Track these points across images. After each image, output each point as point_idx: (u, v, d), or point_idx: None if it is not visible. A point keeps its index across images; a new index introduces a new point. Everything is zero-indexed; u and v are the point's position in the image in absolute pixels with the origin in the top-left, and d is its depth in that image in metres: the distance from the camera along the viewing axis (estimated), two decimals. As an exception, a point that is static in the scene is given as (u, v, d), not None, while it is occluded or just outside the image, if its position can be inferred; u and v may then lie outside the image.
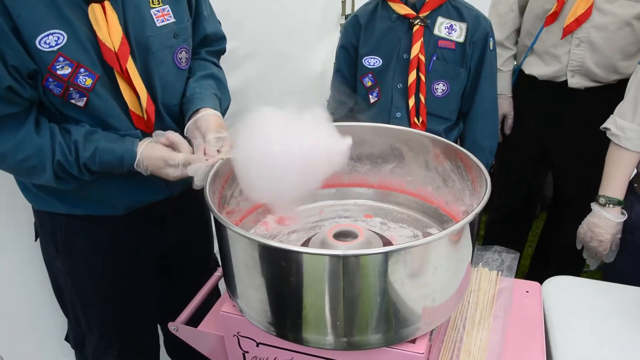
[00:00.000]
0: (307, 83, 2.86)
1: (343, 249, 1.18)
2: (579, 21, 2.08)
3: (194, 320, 1.38)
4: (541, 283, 1.57)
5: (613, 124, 1.74)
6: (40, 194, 1.46)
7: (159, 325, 1.86)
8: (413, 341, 1.11)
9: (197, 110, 1.43)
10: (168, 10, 1.41)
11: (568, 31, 2.11)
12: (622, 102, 1.75)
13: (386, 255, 0.97)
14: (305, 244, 1.30)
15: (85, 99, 1.29)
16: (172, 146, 1.35)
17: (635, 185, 1.75)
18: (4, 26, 1.16)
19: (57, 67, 1.23)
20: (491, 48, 1.89)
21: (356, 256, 0.96)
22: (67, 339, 1.80)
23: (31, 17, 1.19)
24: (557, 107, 2.24)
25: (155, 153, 1.32)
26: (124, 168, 1.33)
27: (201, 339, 1.36)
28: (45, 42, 1.21)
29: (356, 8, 3.65)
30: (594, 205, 1.77)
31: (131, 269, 1.60)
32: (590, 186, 2.22)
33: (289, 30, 2.98)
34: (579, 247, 1.87)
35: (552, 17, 2.15)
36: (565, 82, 2.20)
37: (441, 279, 1.07)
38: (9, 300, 1.74)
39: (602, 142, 1.78)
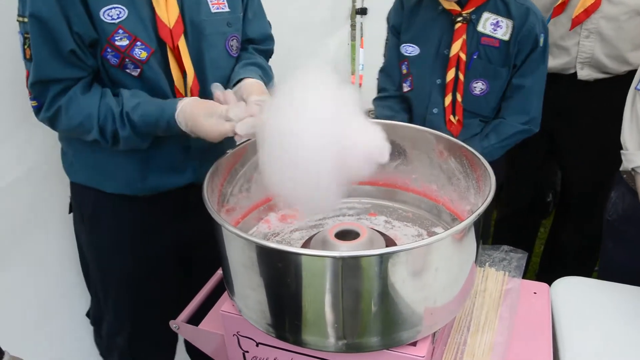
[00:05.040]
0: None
1: (344, 249, 1.15)
2: (588, 12, 2.03)
3: (199, 318, 1.37)
4: (551, 283, 1.54)
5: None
6: (76, 165, 1.55)
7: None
8: (414, 344, 1.08)
9: (240, 80, 1.48)
10: (223, 0, 1.50)
11: (577, 22, 2.07)
12: (628, 132, 1.64)
13: (386, 257, 0.95)
14: (307, 242, 1.28)
15: (139, 70, 1.38)
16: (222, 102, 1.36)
17: (624, 176, 1.68)
18: None
19: (116, 38, 1.33)
20: (541, 44, 1.78)
21: (355, 258, 0.94)
22: (88, 314, 1.85)
23: None
24: (567, 100, 2.19)
25: (197, 102, 1.34)
26: (165, 119, 1.33)
27: (202, 337, 1.35)
28: (108, 15, 1.32)
29: (366, 4, 3.63)
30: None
31: (150, 255, 1.63)
32: (599, 180, 2.19)
33: (299, 25, 2.97)
34: None
35: (560, 8, 2.10)
36: (575, 74, 2.16)
37: (443, 281, 1.05)
38: (40, 275, 1.79)
39: (611, 135, 1.72)
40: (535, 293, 1.45)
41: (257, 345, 1.22)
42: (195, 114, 1.31)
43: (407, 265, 0.97)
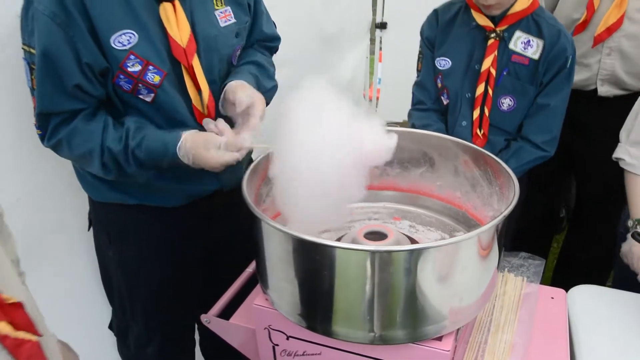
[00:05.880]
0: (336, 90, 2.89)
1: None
2: (611, 30, 2.09)
3: (224, 315, 1.43)
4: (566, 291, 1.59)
5: (626, 154, 1.75)
6: (96, 184, 1.52)
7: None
8: (439, 339, 1.14)
9: (224, 87, 1.49)
10: (229, 12, 1.49)
11: (599, 40, 2.13)
12: (626, 129, 1.76)
13: (417, 253, 1.02)
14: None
15: (152, 95, 1.37)
16: (218, 134, 1.39)
17: None
18: (82, 26, 1.25)
19: (128, 64, 1.31)
20: (568, 66, 1.83)
21: (388, 252, 1.01)
22: (110, 327, 1.86)
23: (107, 18, 1.27)
24: (586, 115, 2.25)
25: (197, 136, 1.36)
26: (169, 154, 1.35)
27: (232, 331, 1.40)
28: (118, 42, 1.30)
29: (386, 17, 3.70)
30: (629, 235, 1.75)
31: (178, 263, 1.65)
32: (615, 194, 2.23)
33: (320, 38, 3.04)
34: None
35: (582, 26, 2.17)
36: (595, 90, 2.21)
37: (469, 279, 1.11)
38: (57, 286, 1.79)
39: None
40: (552, 298, 1.50)
41: (287, 339, 1.27)
42: (195, 147, 1.33)
43: (437, 261, 1.03)
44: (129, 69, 1.32)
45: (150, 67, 1.33)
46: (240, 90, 1.42)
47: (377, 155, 1.23)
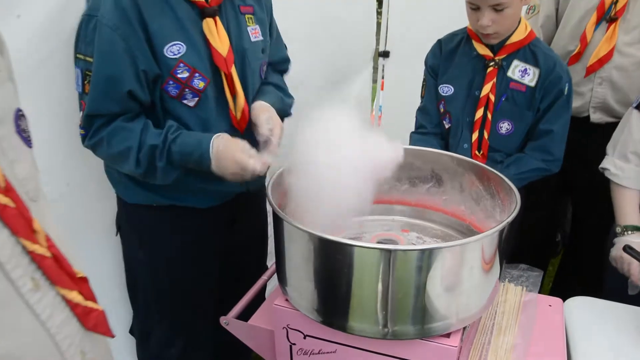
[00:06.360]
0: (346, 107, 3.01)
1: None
2: (602, 61, 2.24)
3: (245, 316, 1.52)
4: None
5: (612, 164, 1.90)
6: (131, 185, 1.64)
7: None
8: (447, 336, 1.24)
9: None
10: (258, 30, 1.68)
11: (591, 71, 2.28)
12: (613, 143, 1.94)
13: (429, 252, 1.13)
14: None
15: (197, 99, 1.54)
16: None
17: None
18: (141, 37, 1.42)
19: (178, 71, 1.49)
20: (565, 93, 1.95)
21: (404, 251, 1.12)
22: (131, 331, 1.94)
23: (162, 31, 1.46)
24: (580, 140, 2.37)
25: (232, 138, 1.52)
26: (201, 147, 1.48)
27: (250, 333, 1.49)
28: (170, 51, 1.48)
29: (389, 46, 3.85)
30: (615, 239, 1.87)
31: (204, 264, 1.77)
32: (609, 217, 2.35)
33: (325, 63, 3.18)
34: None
35: (576, 58, 2.32)
36: (588, 117, 2.36)
37: (475, 279, 1.21)
38: None
39: None
40: (550, 306, 1.60)
41: (304, 338, 1.36)
42: (228, 142, 1.50)
43: (448, 260, 1.14)
44: (179, 75, 1.49)
45: (197, 74, 1.51)
46: (261, 114, 1.59)
47: (385, 166, 1.34)
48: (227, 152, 1.48)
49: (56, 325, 0.70)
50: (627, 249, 1.64)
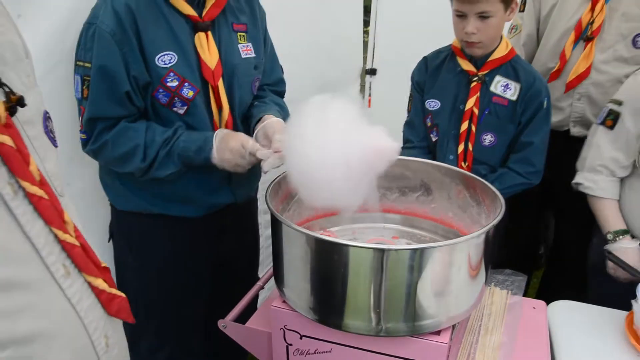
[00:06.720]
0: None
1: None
2: (580, 78, 2.37)
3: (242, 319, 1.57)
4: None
5: (583, 178, 2.02)
6: (124, 192, 1.70)
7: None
8: (438, 333, 1.30)
9: (261, 119, 1.71)
10: (250, 47, 1.75)
11: (570, 87, 2.41)
12: (582, 159, 2.07)
13: (421, 251, 1.20)
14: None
15: (186, 107, 1.61)
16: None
17: None
18: (134, 44, 1.50)
19: (168, 80, 1.56)
20: (544, 106, 2.05)
21: (397, 251, 1.19)
22: None
23: (154, 40, 1.54)
24: (561, 153, 2.47)
25: (232, 132, 1.62)
26: (206, 139, 1.58)
27: (248, 335, 1.54)
28: (161, 60, 1.56)
29: (376, 64, 3.94)
30: (608, 246, 1.95)
31: (191, 271, 1.81)
32: (590, 225, 2.44)
33: (314, 80, 3.25)
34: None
35: (556, 74, 2.45)
36: (568, 130, 2.48)
37: (463, 278, 1.28)
38: None
39: None
40: (534, 308, 1.68)
41: (300, 338, 1.42)
42: (230, 133, 1.59)
43: (438, 260, 1.21)
44: (168, 84, 1.56)
45: (186, 84, 1.58)
46: (278, 134, 1.60)
47: (383, 155, 1.33)
48: (231, 134, 1.58)
49: (84, 310, 0.76)
50: (607, 253, 1.73)
